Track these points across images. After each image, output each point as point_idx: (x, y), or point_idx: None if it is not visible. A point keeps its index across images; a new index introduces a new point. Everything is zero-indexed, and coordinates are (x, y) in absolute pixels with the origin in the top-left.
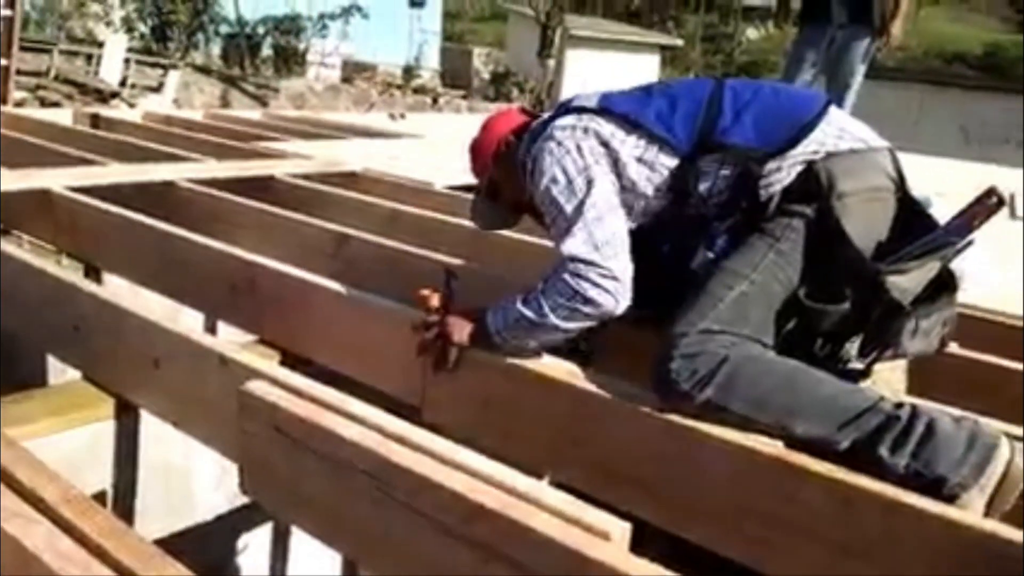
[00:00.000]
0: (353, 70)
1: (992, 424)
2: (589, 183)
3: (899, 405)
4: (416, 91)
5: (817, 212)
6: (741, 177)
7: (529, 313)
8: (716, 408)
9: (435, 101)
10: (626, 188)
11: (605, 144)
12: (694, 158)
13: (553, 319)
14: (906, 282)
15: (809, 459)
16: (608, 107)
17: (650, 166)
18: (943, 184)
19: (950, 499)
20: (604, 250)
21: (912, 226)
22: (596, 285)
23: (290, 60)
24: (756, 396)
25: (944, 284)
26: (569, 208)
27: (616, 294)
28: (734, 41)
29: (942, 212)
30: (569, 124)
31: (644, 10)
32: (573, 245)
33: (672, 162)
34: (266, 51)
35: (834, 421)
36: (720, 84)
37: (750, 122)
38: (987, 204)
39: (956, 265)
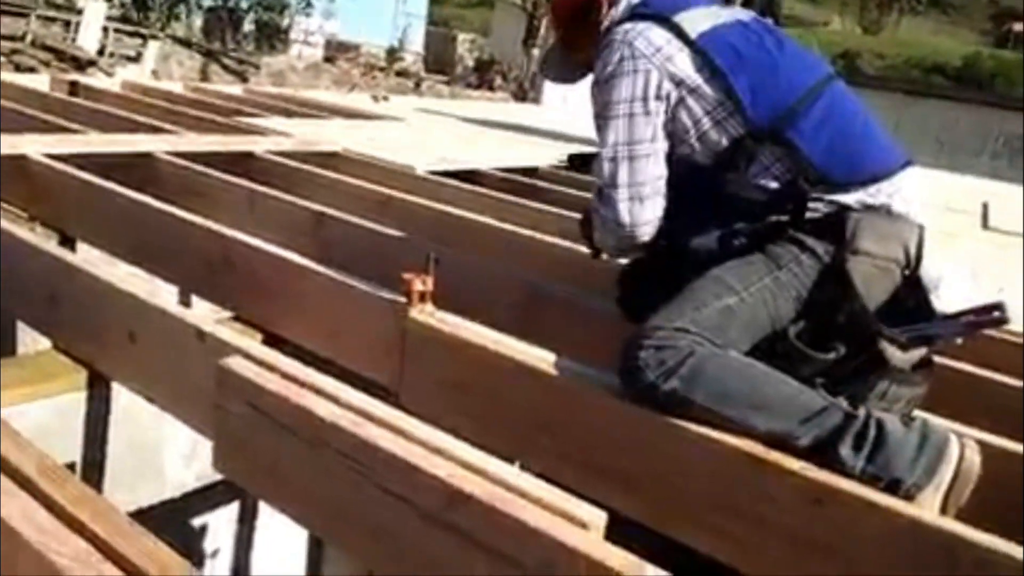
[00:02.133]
0: (336, 50)
1: (943, 423)
2: (636, 115)
3: (855, 406)
4: (399, 74)
5: (829, 257)
6: (789, 185)
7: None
8: (679, 400)
9: (417, 85)
10: (677, 131)
11: (679, 83)
12: (759, 139)
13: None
14: (901, 355)
15: (783, 456)
16: (706, 46)
17: (713, 124)
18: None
19: (906, 500)
20: (621, 191)
21: (909, 306)
22: (604, 226)
23: (272, 36)
24: (720, 390)
25: (923, 363)
26: (609, 131)
27: (622, 238)
28: None
29: (918, 220)
30: (656, 43)
31: None
32: (598, 174)
33: (737, 131)
34: (248, 26)
35: (795, 417)
36: (828, 82)
37: (827, 138)
38: (991, 317)
39: (930, 273)
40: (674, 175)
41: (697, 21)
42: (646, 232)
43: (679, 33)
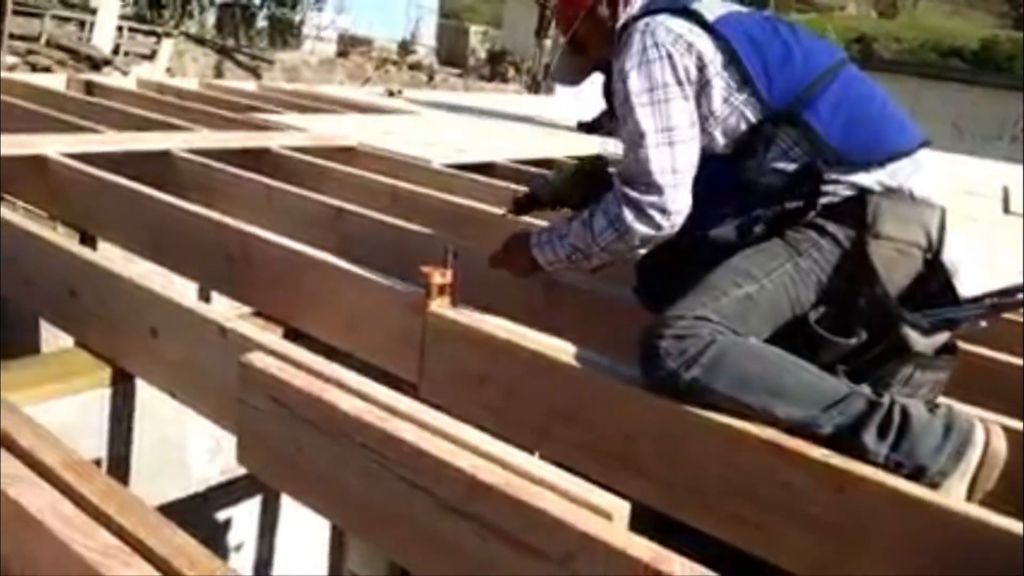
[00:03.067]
0: (349, 44)
1: (967, 409)
2: (672, 100)
3: (879, 393)
4: (412, 67)
5: (849, 242)
6: (806, 168)
7: (579, 243)
8: (701, 388)
9: (431, 78)
10: (698, 119)
11: (701, 69)
12: (776, 122)
13: (597, 246)
14: (923, 340)
15: (804, 444)
16: (724, 31)
17: (731, 110)
18: (938, 177)
19: (932, 487)
20: (666, 177)
21: (931, 290)
22: (642, 214)
23: (285, 32)
24: (741, 377)
25: (947, 349)
26: (645, 119)
27: (662, 226)
28: None
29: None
30: (676, 31)
31: None
32: (634, 162)
33: (754, 116)
34: (261, 22)
35: (817, 404)
36: (842, 65)
37: (843, 118)
38: (1013, 299)
39: (952, 257)
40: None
41: (713, 8)
42: (679, 222)
43: (697, 19)
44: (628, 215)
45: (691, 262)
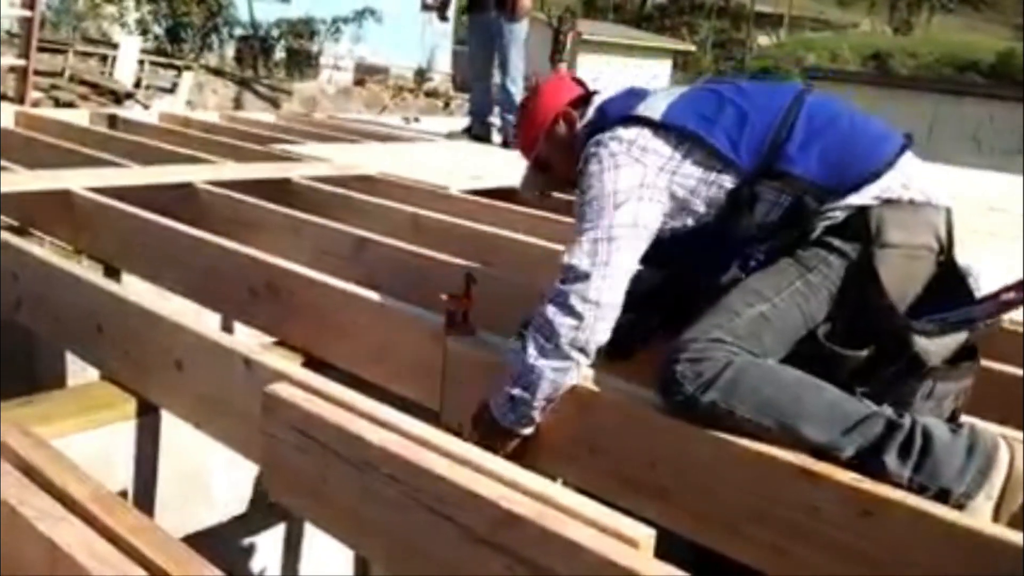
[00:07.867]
0: (365, 73)
1: (989, 427)
2: (620, 206)
3: (900, 414)
4: (428, 95)
5: (856, 254)
6: (795, 207)
7: (520, 379)
8: (720, 412)
9: (447, 105)
10: (679, 207)
11: (661, 167)
12: (755, 182)
13: (535, 374)
14: (933, 346)
15: (830, 467)
16: (674, 123)
17: (709, 186)
18: (958, 193)
19: (957, 509)
20: (598, 270)
21: (947, 291)
22: (563, 305)
23: (303, 63)
24: (760, 400)
25: (967, 353)
26: (588, 224)
27: (583, 315)
28: (745, 47)
29: (958, 220)
30: (627, 138)
31: (656, 15)
32: (568, 257)
33: (732, 183)
34: (279, 54)
35: (838, 426)
36: (799, 100)
37: (817, 153)
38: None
39: (967, 265)
40: (687, 240)
41: (657, 105)
42: (605, 316)
43: (645, 122)
44: (550, 310)
45: (700, 295)
